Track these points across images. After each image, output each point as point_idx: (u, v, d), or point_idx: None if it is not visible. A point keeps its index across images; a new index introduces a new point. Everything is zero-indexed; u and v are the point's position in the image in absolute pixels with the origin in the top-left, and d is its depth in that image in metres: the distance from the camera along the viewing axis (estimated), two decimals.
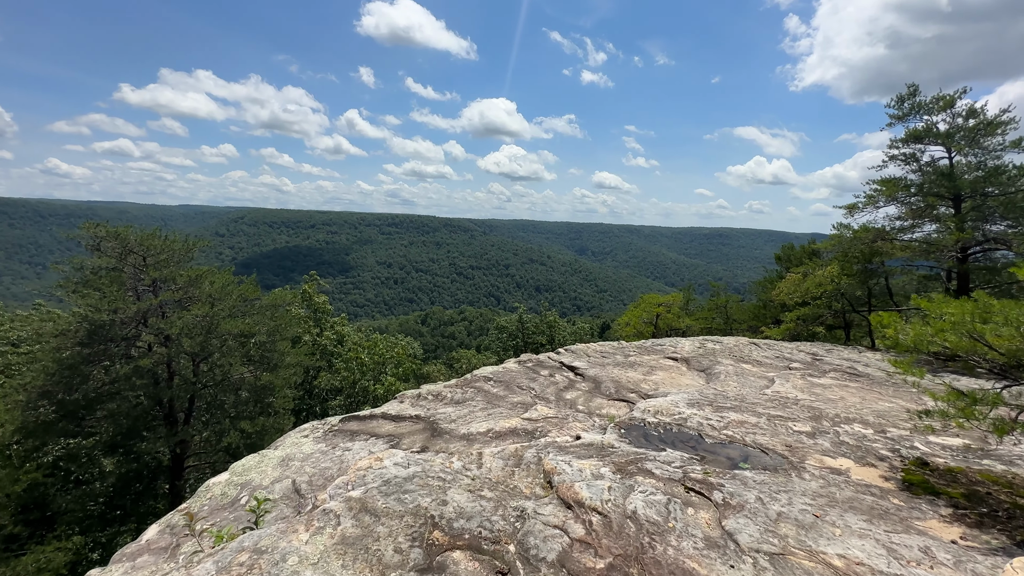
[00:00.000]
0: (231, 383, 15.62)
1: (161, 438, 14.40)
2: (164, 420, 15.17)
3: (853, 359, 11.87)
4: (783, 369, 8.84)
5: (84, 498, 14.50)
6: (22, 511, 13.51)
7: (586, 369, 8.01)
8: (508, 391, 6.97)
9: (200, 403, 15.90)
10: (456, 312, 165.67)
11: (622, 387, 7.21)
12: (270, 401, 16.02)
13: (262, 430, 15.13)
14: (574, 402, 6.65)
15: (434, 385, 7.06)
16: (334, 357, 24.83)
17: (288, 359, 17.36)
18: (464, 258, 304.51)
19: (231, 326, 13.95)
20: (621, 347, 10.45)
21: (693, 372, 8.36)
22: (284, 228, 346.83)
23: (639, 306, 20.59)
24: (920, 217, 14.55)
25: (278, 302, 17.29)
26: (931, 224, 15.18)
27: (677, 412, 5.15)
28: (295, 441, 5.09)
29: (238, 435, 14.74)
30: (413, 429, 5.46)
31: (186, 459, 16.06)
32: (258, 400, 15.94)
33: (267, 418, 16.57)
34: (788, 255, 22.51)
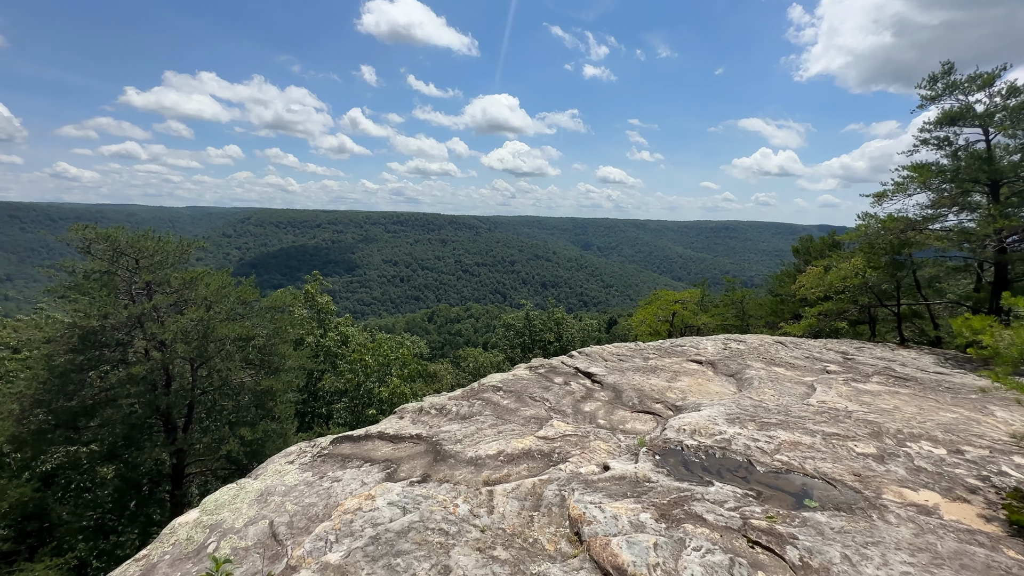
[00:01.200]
0: (230, 388, 15.09)
1: (159, 446, 13.90)
2: (164, 427, 14.69)
3: (888, 358, 11.08)
4: (819, 372, 8.09)
5: (83, 508, 14.08)
6: (21, 520, 13.10)
7: (604, 375, 7.31)
8: (519, 403, 6.29)
9: (199, 409, 15.39)
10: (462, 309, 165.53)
11: (646, 396, 6.51)
12: (271, 406, 15.46)
13: (263, 437, 14.57)
14: (594, 415, 5.96)
15: (438, 397, 6.40)
16: (338, 359, 24.29)
17: (289, 362, 16.80)
18: (470, 255, 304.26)
19: (228, 330, 13.38)
20: (639, 349, 9.73)
21: (721, 377, 7.64)
22: (290, 228, 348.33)
23: (653, 303, 19.81)
24: (953, 205, 13.67)
25: (278, 304, 16.72)
26: (965, 213, 14.30)
27: (718, 431, 4.44)
28: (278, 469, 4.44)
29: (238, 442, 14.20)
30: (413, 452, 4.80)
31: (186, 466, 15.59)
32: (259, 405, 15.39)
33: (270, 422, 16.05)
34: (807, 247, 21.61)
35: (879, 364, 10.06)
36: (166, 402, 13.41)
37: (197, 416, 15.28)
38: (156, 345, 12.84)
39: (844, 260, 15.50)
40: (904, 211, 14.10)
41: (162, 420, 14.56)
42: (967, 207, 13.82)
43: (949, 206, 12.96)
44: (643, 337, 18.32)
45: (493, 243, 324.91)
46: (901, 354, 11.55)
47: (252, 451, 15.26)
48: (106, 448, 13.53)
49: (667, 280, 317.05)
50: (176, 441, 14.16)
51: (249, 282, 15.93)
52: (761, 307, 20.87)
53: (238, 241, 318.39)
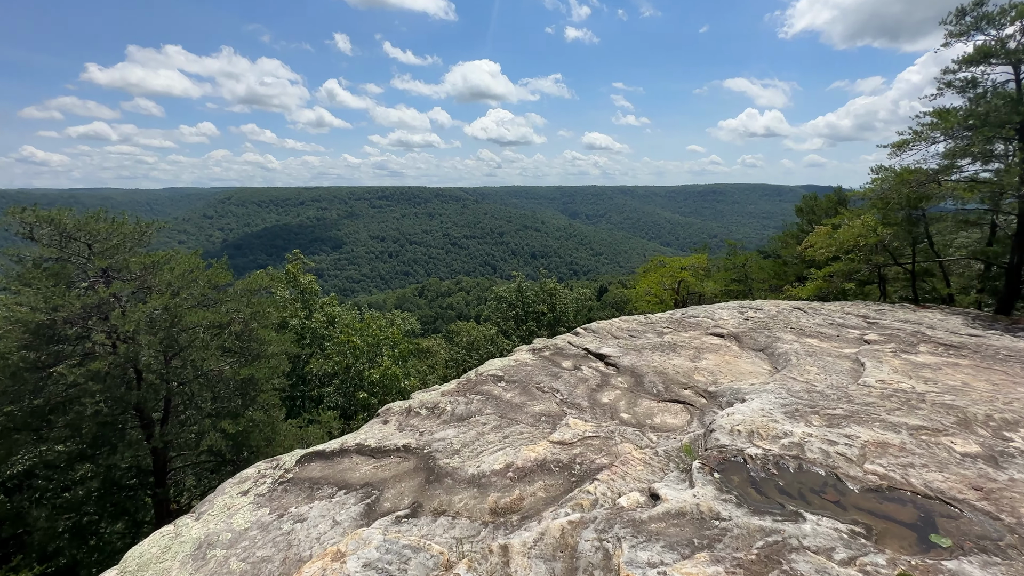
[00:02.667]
0: (208, 379, 14.06)
1: (133, 444, 12.95)
2: (140, 423, 13.72)
3: (913, 321, 10.32)
4: (856, 342, 7.27)
5: (62, 510, 13.23)
6: None
7: (619, 357, 6.40)
8: (525, 395, 5.37)
9: (177, 402, 14.39)
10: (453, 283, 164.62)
11: (671, 381, 5.61)
12: (254, 396, 14.50)
13: (247, 428, 13.67)
14: (614, 408, 5.05)
15: (429, 393, 5.43)
16: (325, 340, 23.27)
17: (272, 348, 15.72)
18: (457, 228, 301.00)
19: (198, 317, 12.25)
20: (650, 322, 8.83)
21: (750, 353, 6.77)
22: (273, 207, 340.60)
23: (656, 271, 18.90)
24: (978, 153, 12.72)
25: (254, 286, 15.54)
26: (980, 163, 13.40)
27: (781, 432, 3.54)
28: (228, 504, 3.48)
29: (219, 436, 13.28)
30: (400, 470, 3.86)
31: (169, 461, 14.70)
32: (241, 395, 14.42)
33: (255, 411, 15.14)
34: (811, 207, 20.72)
35: (907, 328, 9.28)
36: (136, 397, 12.37)
37: (175, 409, 14.30)
38: (117, 338, 11.70)
39: (855, 218, 14.63)
40: (922, 162, 13.18)
41: (137, 416, 13.57)
42: (987, 156, 12.91)
43: (975, 155, 12.02)
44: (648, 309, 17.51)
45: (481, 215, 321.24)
46: (925, 316, 10.81)
47: (236, 443, 14.38)
48: (72, 451, 12.56)
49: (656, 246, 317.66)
50: (153, 438, 13.22)
51: (220, 264, 14.68)
52: (763, 270, 20.13)
53: (220, 222, 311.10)
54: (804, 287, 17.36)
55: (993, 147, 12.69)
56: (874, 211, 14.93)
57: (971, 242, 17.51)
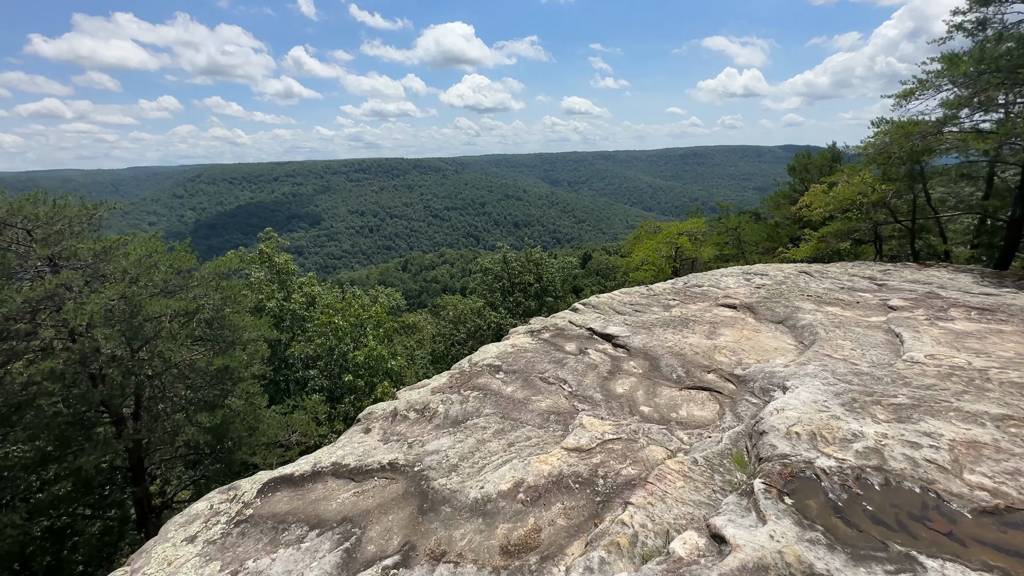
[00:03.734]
0: (180, 371, 13.16)
1: (102, 444, 12.12)
2: (111, 421, 12.87)
3: (922, 281, 9.89)
4: (879, 309, 6.73)
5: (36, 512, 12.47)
6: None
7: (628, 337, 5.74)
8: (529, 388, 4.69)
9: (148, 396, 13.50)
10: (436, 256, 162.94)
11: (690, 364, 4.99)
12: (231, 386, 13.66)
13: (224, 421, 12.90)
14: (632, 400, 4.41)
15: (418, 392, 4.71)
16: (306, 322, 22.33)
17: (247, 334, 14.81)
18: (438, 199, 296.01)
19: (160, 306, 11.25)
20: (653, 294, 8.19)
21: (769, 326, 6.17)
22: (245, 184, 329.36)
23: (651, 238, 18.21)
24: (983, 101, 12.10)
25: (223, 269, 14.46)
26: (979, 113, 12.83)
27: (848, 431, 2.91)
28: (168, 557, 2.75)
29: (195, 430, 12.49)
30: (387, 497, 3.17)
31: (146, 457, 13.94)
32: (217, 386, 13.58)
33: (234, 400, 14.36)
34: (804, 165, 20.10)
35: (919, 289, 8.83)
36: (100, 395, 11.46)
37: (147, 404, 13.42)
38: (72, 333, 10.69)
39: (854, 175, 14.06)
40: (927, 113, 12.55)
41: (106, 412, 12.70)
42: (993, 105, 12.31)
43: (981, 103, 11.39)
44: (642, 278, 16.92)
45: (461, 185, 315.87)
46: (934, 275, 10.40)
47: (217, 435, 13.63)
48: (39, 454, 11.70)
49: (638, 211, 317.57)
50: (124, 435, 12.40)
51: (183, 247, 13.53)
52: (756, 233, 19.65)
53: (191, 201, 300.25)
54: (799, 248, 16.93)
55: (996, 95, 12.09)
56: (872, 167, 14.37)
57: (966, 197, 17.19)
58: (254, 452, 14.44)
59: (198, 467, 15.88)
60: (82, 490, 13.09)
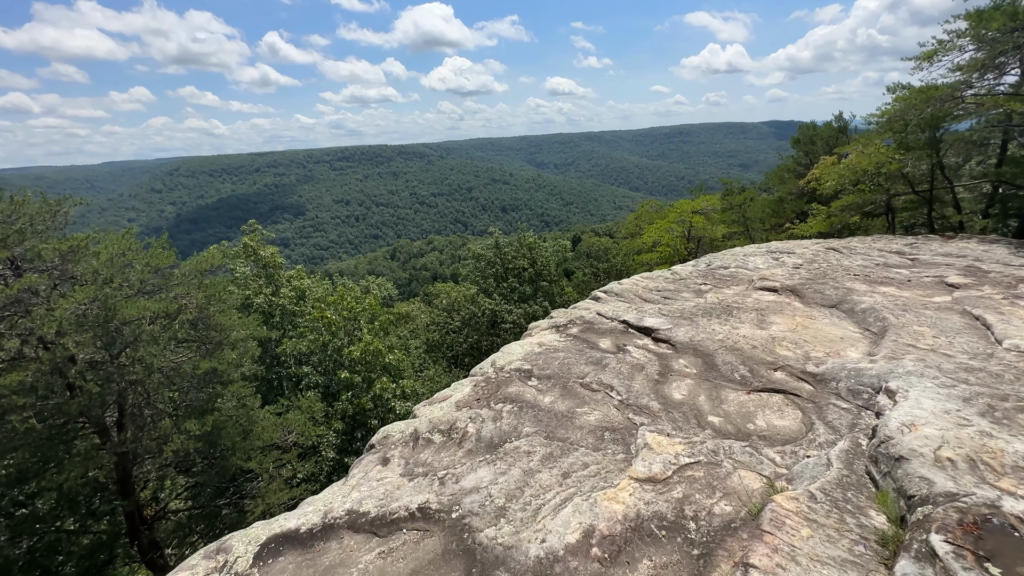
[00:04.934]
0: (165, 376, 12.32)
1: (84, 457, 11.31)
2: (95, 432, 12.06)
3: (953, 253, 9.31)
4: (938, 288, 6.14)
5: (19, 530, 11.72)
6: None
7: (669, 329, 5.07)
8: (570, 398, 4.00)
9: (132, 404, 12.66)
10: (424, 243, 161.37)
11: (751, 360, 4.33)
12: (220, 389, 12.86)
13: (215, 427, 12.12)
14: (696, 407, 3.75)
15: (440, 408, 3.99)
16: (297, 317, 21.43)
17: (236, 333, 13.94)
18: (424, 186, 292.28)
19: (137, 309, 10.36)
20: (679, 278, 7.53)
21: (823, 312, 5.54)
22: (226, 176, 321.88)
23: (664, 218, 17.48)
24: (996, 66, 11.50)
25: (204, 266, 13.52)
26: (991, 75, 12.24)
27: (1018, 454, 2.26)
28: None
29: (184, 438, 11.72)
30: (421, 560, 2.48)
31: (134, 467, 13.17)
32: (205, 390, 12.76)
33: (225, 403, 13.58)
34: (810, 137, 19.42)
35: (958, 263, 8.26)
36: (78, 406, 10.61)
37: (131, 413, 12.59)
38: (41, 341, 9.79)
39: (869, 144, 13.43)
40: (945, 77, 11.91)
41: (87, 424, 11.87)
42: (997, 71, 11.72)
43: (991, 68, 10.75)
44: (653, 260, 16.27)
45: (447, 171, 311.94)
46: (965, 247, 9.85)
47: (207, 442, 12.86)
48: (15, 472, 10.88)
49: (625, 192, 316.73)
50: (108, 446, 11.59)
51: (160, 243, 12.54)
52: (760, 209, 19.05)
53: (171, 195, 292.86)
54: (807, 224, 16.37)
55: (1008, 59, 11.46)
56: (886, 136, 13.76)
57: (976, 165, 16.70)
58: (249, 456, 13.71)
59: (192, 473, 15.13)
60: (67, 505, 12.32)
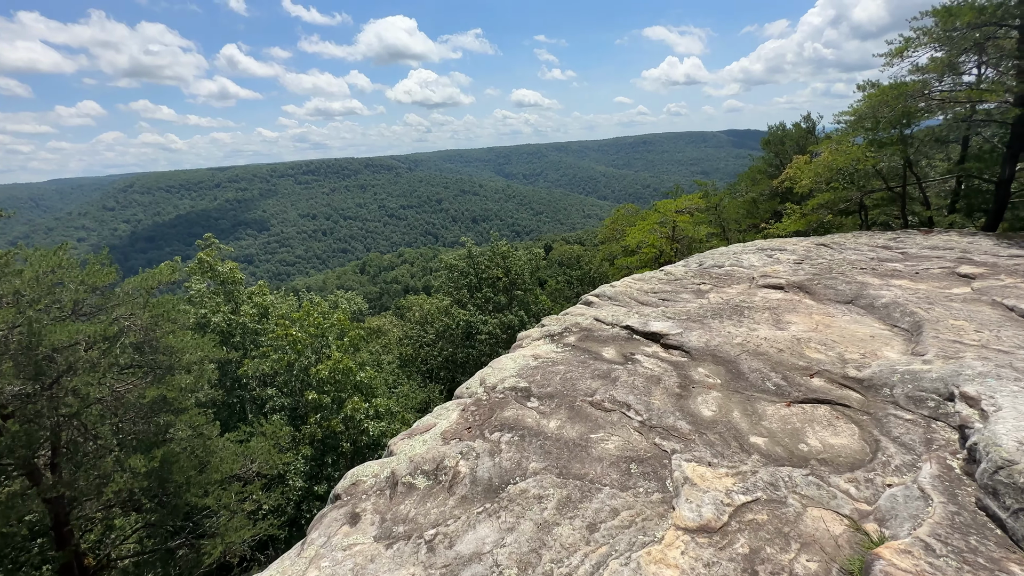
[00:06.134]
0: (105, 408, 11.01)
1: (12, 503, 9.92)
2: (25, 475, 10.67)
3: (938, 246, 9.18)
4: (951, 279, 5.79)
5: None
6: None
7: (679, 334, 4.48)
8: (580, 420, 3.33)
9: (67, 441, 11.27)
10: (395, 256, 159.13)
11: (781, 365, 3.77)
12: (171, 420, 11.61)
13: (164, 461, 10.87)
14: (732, 426, 3.13)
15: (421, 441, 3.23)
16: (259, 336, 20.10)
17: (188, 356, 12.71)
18: (393, 198, 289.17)
19: (68, 333, 9.15)
20: (674, 278, 7.00)
21: (840, 308, 5.07)
22: (184, 191, 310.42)
23: (647, 218, 17.15)
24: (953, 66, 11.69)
25: (152, 283, 12.27)
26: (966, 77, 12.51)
27: None
28: None
29: (129, 476, 10.44)
30: None
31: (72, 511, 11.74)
32: (153, 421, 11.49)
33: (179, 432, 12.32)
34: (779, 138, 19.62)
35: (949, 255, 8.08)
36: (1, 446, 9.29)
37: (65, 451, 11.20)
38: None
39: (843, 143, 13.46)
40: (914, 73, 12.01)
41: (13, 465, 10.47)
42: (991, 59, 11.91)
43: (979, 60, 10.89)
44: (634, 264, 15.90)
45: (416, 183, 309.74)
46: (950, 240, 9.75)
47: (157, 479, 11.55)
48: None
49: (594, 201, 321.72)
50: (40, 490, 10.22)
51: (99, 259, 11.29)
52: (734, 210, 19.06)
53: (125, 213, 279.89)
54: (782, 224, 16.35)
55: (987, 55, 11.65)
56: (855, 134, 13.83)
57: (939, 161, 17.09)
58: (206, 492, 12.43)
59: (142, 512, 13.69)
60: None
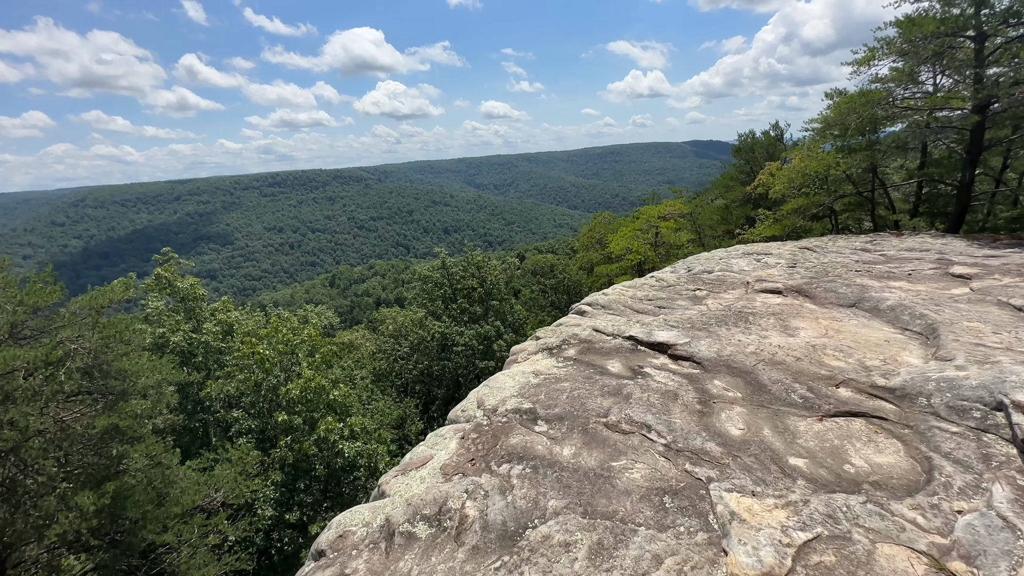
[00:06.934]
0: (47, 439, 9.99)
1: None
2: None
3: (915, 248, 9.32)
4: (946, 279, 5.74)
5: None
6: None
7: (687, 343, 4.19)
8: (596, 446, 2.97)
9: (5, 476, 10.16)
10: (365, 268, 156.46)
11: (805, 376, 3.51)
12: (124, 450, 10.64)
13: (116, 500, 9.91)
14: (767, 447, 2.82)
15: (419, 479, 2.79)
16: (223, 355, 19.00)
17: (144, 380, 11.76)
18: (363, 210, 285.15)
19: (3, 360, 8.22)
20: (666, 284, 6.77)
21: (844, 312, 4.90)
22: (142, 205, 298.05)
23: (629, 225, 17.06)
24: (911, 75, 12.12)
25: (101, 303, 11.29)
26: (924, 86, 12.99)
27: None
28: None
29: (75, 517, 9.45)
30: None
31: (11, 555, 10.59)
32: (103, 452, 10.50)
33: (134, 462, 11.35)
34: (750, 146, 20.01)
35: (928, 257, 8.17)
36: None
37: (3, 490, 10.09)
38: None
39: (815, 149, 13.74)
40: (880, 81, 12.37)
41: None
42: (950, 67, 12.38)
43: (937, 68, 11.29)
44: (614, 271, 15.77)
45: (386, 194, 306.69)
46: (925, 241, 9.93)
47: (109, 517, 10.55)
48: None
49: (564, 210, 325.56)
50: None
51: (41, 277, 10.32)
52: (711, 216, 19.29)
53: (76, 228, 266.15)
54: (756, 229, 16.57)
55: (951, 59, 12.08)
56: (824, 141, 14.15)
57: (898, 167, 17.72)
58: (165, 527, 11.42)
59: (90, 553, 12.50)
60: None
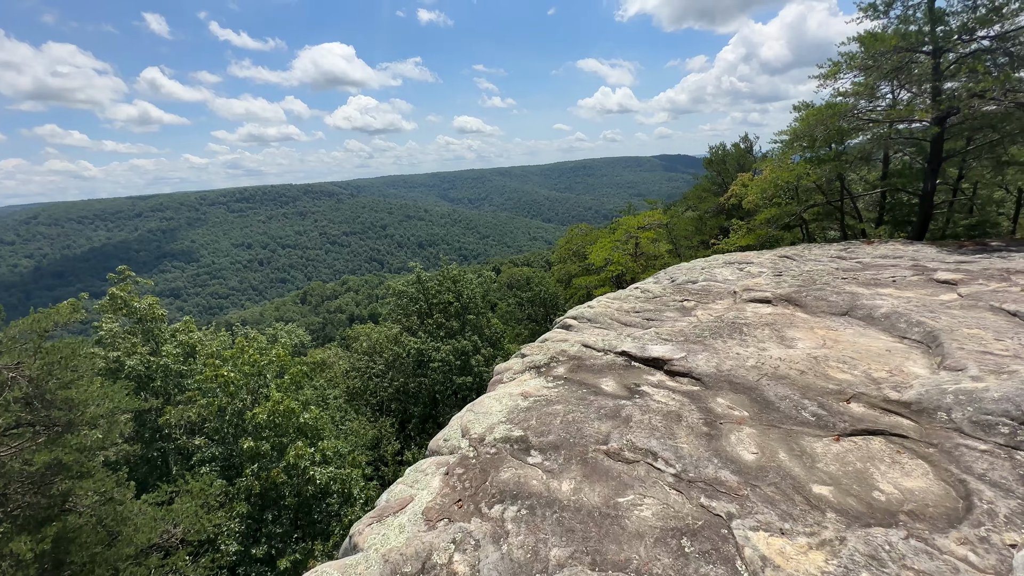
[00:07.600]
0: None
1: None
2: None
3: (888, 255, 9.45)
4: (932, 286, 5.69)
5: None
6: None
7: (684, 358, 3.94)
8: (599, 480, 2.65)
9: None
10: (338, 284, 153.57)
11: (813, 391, 3.29)
12: (67, 488, 9.72)
13: (59, 543, 9.00)
14: (791, 477, 2.55)
15: (397, 527, 2.41)
16: (184, 378, 17.92)
17: (93, 409, 10.85)
18: (335, 225, 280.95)
19: None
20: (652, 296, 6.56)
21: (838, 321, 4.75)
22: (99, 222, 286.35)
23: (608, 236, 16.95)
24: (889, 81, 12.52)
25: (45, 325, 10.39)
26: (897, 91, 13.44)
27: None
28: None
29: (11, 566, 8.51)
30: None
31: None
32: (44, 491, 9.56)
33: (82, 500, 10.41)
34: (721, 158, 20.37)
35: (904, 263, 8.24)
36: None
37: None
38: None
39: (785, 160, 13.99)
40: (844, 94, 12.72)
41: None
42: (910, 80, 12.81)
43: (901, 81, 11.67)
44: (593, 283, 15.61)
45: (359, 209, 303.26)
46: (897, 248, 10.10)
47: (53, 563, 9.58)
48: None
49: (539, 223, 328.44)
50: None
51: None
52: (685, 227, 19.48)
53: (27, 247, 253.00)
54: (730, 239, 16.76)
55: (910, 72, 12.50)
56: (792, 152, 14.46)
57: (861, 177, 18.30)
58: (116, 570, 10.49)
59: None
60: None
